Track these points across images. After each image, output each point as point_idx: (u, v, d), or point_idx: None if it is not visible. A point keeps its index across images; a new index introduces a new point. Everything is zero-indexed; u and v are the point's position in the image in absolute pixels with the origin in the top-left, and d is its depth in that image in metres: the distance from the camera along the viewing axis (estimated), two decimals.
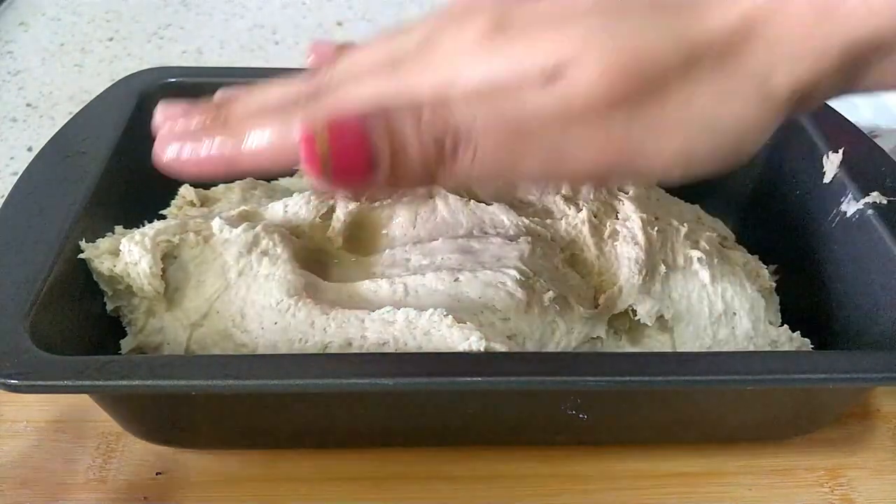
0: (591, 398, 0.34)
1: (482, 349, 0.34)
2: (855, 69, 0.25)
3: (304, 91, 0.27)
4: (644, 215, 0.41)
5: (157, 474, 0.38)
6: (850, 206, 0.40)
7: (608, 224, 0.41)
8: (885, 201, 0.39)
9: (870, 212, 0.39)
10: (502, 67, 0.24)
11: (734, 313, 0.40)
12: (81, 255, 0.36)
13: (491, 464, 0.39)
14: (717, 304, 0.39)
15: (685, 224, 0.42)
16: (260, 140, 0.25)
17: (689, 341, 0.39)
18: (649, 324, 0.38)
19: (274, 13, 0.77)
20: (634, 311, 0.38)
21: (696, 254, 0.40)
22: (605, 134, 0.24)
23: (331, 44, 0.31)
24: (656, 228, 0.41)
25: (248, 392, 0.31)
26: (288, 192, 0.45)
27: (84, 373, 0.29)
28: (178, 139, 0.26)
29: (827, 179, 0.42)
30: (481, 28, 0.25)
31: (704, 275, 0.40)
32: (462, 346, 0.34)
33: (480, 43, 0.25)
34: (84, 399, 0.38)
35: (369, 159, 0.23)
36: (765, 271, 0.43)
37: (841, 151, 0.41)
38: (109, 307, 0.38)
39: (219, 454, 0.38)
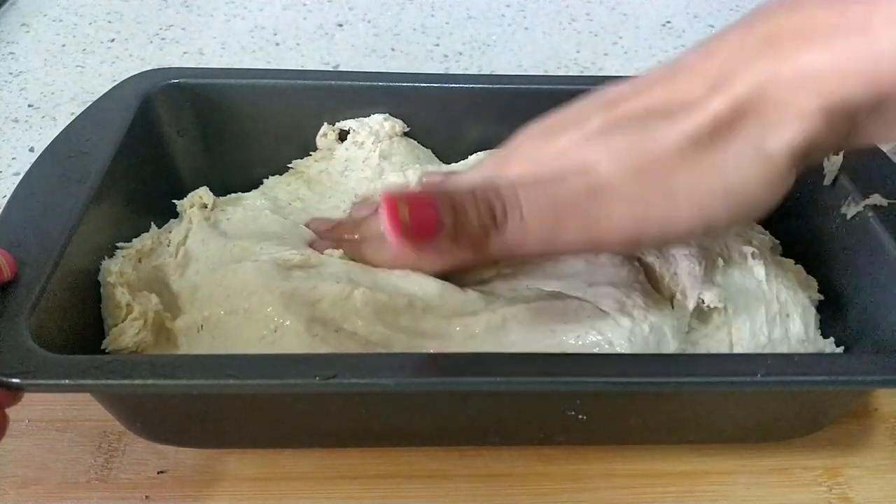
0: (591, 399, 0.34)
1: None
2: (846, 128, 0.29)
3: None
4: None
5: (158, 473, 0.38)
6: (850, 209, 0.40)
7: None
8: (885, 203, 0.39)
9: (870, 214, 0.39)
10: (538, 166, 0.32)
11: (787, 314, 0.39)
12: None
13: (490, 463, 0.39)
14: (773, 304, 0.39)
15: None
16: (384, 255, 0.38)
17: (746, 338, 0.39)
18: (720, 306, 0.38)
19: (275, 14, 0.77)
20: (702, 300, 0.38)
21: (749, 249, 0.40)
22: (627, 205, 0.30)
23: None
24: None
25: (248, 392, 0.31)
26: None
27: (86, 372, 0.30)
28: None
29: (827, 182, 0.42)
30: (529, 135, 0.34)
31: (760, 271, 0.40)
32: None
33: (525, 154, 0.34)
34: (86, 398, 0.38)
35: (437, 222, 0.30)
36: (814, 282, 0.42)
37: (841, 154, 0.41)
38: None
39: (220, 453, 0.39)
